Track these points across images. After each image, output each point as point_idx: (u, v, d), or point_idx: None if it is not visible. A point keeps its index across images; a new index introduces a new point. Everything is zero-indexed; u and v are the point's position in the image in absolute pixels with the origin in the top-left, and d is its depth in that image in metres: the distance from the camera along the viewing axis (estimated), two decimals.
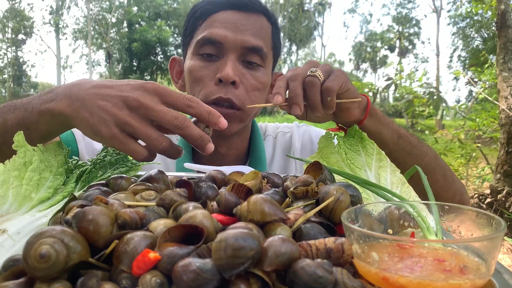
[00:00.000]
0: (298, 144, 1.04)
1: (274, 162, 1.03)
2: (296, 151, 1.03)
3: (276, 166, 1.02)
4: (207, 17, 0.87)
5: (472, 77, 4.38)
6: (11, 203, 0.53)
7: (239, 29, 0.85)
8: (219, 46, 0.85)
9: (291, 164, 1.03)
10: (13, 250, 0.42)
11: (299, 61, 37.82)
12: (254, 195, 0.38)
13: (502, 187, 2.77)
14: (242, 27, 0.85)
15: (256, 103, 0.89)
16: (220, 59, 0.85)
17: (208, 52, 0.85)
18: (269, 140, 1.07)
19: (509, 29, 2.75)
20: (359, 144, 0.68)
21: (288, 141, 1.06)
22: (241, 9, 0.87)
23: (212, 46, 0.85)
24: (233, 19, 0.85)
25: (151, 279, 0.29)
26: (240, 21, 0.85)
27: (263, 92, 0.90)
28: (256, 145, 1.00)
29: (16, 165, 0.58)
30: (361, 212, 0.40)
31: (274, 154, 1.05)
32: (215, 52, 0.85)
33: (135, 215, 0.37)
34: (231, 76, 0.82)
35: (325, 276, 0.29)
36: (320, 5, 32.04)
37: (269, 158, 1.04)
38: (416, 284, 0.29)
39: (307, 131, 1.07)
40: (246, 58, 0.86)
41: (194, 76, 0.86)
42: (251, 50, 0.86)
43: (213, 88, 0.84)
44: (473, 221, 0.39)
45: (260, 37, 0.87)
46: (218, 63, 0.85)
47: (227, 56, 0.84)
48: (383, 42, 34.32)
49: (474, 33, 14.94)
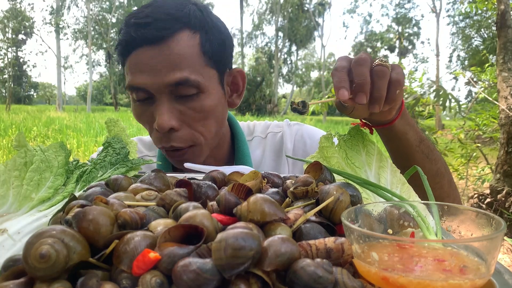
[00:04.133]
0: (290, 145, 0.99)
1: (264, 164, 0.99)
2: (288, 152, 0.99)
3: (267, 168, 0.98)
4: (126, 58, 0.80)
5: (472, 77, 4.38)
6: (11, 203, 0.53)
7: (156, 69, 0.76)
8: (146, 90, 0.78)
9: (284, 165, 0.99)
10: (13, 250, 0.42)
11: (299, 61, 37.82)
12: (254, 195, 0.38)
13: (502, 187, 2.77)
14: (158, 65, 0.76)
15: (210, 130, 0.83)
16: (154, 101, 0.79)
17: (141, 97, 0.80)
18: (257, 141, 1.02)
19: (509, 29, 2.75)
20: (360, 144, 0.68)
21: (279, 142, 1.01)
22: (152, 42, 0.76)
23: (141, 92, 0.79)
24: (146, 59, 0.76)
25: (151, 279, 0.29)
26: (153, 60, 0.76)
27: (213, 115, 0.82)
28: (240, 151, 0.95)
29: (16, 165, 0.58)
30: (361, 212, 0.40)
31: (263, 156, 1.00)
32: (146, 96, 0.79)
33: (135, 215, 0.37)
34: (165, 126, 0.77)
35: (325, 276, 0.29)
36: (320, 5, 32.04)
37: (258, 160, 1.00)
38: (416, 284, 0.29)
39: (299, 130, 1.02)
40: (178, 93, 0.78)
41: (138, 120, 0.84)
42: (178, 85, 0.77)
43: (156, 135, 0.82)
44: (473, 221, 0.39)
45: (182, 65, 0.76)
46: (153, 107, 0.80)
47: (158, 100, 0.78)
48: (383, 42, 34.33)
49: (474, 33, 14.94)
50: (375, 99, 0.62)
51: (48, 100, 46.10)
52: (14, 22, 26.74)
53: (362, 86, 0.60)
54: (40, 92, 46.42)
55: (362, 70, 0.60)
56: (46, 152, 0.61)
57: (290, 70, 35.71)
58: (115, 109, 27.28)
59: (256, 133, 1.04)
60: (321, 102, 0.68)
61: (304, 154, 0.99)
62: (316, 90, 38.73)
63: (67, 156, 0.64)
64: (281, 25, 31.16)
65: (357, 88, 0.60)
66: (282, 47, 32.15)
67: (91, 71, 27.83)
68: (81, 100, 50.10)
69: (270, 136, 1.03)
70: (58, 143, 0.65)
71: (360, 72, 0.60)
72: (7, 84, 26.95)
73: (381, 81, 0.61)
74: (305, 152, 0.99)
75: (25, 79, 36.92)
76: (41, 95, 47.06)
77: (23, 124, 10.47)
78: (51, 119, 12.77)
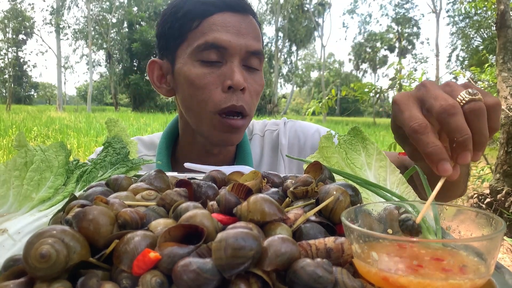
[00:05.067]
0: (285, 141, 1.01)
1: (262, 162, 1.01)
2: (284, 149, 1.00)
3: (265, 166, 1.00)
4: (202, 19, 0.83)
5: (471, 77, 4.39)
6: (11, 203, 0.53)
7: (241, 33, 0.82)
8: (223, 51, 0.82)
9: (280, 162, 1.00)
10: (13, 250, 0.42)
11: (299, 61, 37.82)
12: (254, 195, 0.38)
13: (501, 187, 2.77)
14: (243, 30, 0.83)
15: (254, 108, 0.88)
16: (223, 65, 0.83)
17: (211, 57, 0.82)
18: (256, 139, 1.04)
19: (509, 29, 2.75)
20: (360, 144, 0.68)
21: (275, 139, 1.03)
22: (238, 11, 0.84)
23: (215, 51, 0.82)
24: (234, 22, 0.83)
25: (151, 279, 0.29)
26: (240, 25, 0.83)
27: (259, 95, 0.90)
28: (242, 149, 0.97)
29: (17, 165, 0.58)
30: (361, 212, 0.41)
31: (262, 154, 1.02)
32: (218, 57, 0.82)
33: (135, 215, 0.37)
34: (242, 83, 0.80)
35: (325, 276, 0.29)
36: (320, 6, 32.05)
37: (258, 158, 1.01)
38: (416, 283, 0.29)
39: (293, 126, 1.04)
40: (248, 62, 0.85)
41: (197, 84, 0.82)
42: (252, 54, 0.84)
43: (222, 96, 0.82)
44: (472, 221, 0.39)
45: (259, 40, 0.86)
46: (222, 69, 0.82)
47: (232, 62, 0.82)
48: (382, 42, 34.34)
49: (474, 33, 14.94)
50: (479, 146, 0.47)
51: (48, 100, 46.11)
52: (14, 22, 26.75)
53: (466, 143, 0.45)
54: (40, 92, 46.43)
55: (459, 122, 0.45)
56: (46, 152, 0.61)
57: (290, 70, 35.73)
58: (115, 109, 27.30)
59: (255, 131, 1.05)
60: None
61: (298, 149, 1.01)
62: (316, 90, 38.75)
63: (67, 156, 0.64)
64: (281, 25, 31.16)
65: (460, 148, 0.45)
66: (282, 47, 32.17)
67: (91, 71, 27.84)
68: (81, 100, 50.10)
69: (267, 134, 1.04)
70: (58, 143, 0.65)
71: (456, 125, 0.45)
72: (8, 84, 26.97)
73: (480, 122, 0.46)
74: (299, 148, 1.01)
75: (25, 79, 36.94)
76: (42, 95, 47.07)
77: (23, 124, 10.47)
78: (52, 119, 12.78)
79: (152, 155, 1.01)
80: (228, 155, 0.98)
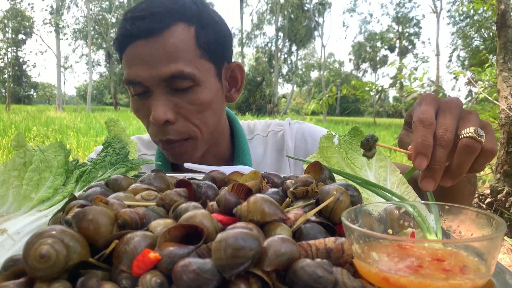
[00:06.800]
0: (291, 144, 0.98)
1: (265, 163, 0.98)
2: (289, 151, 0.97)
3: (268, 167, 0.97)
4: (122, 52, 0.81)
5: (472, 77, 4.38)
6: (11, 203, 0.53)
7: (149, 62, 0.76)
8: (142, 84, 0.78)
9: (285, 164, 0.98)
10: (13, 250, 0.42)
11: (299, 61, 37.82)
12: (254, 195, 0.38)
13: (502, 187, 2.77)
14: (152, 58, 0.76)
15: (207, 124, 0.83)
16: (151, 95, 0.79)
17: (138, 91, 0.80)
18: (258, 139, 1.01)
19: (509, 29, 2.75)
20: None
21: (280, 141, 1.00)
22: (147, 35, 0.76)
23: (138, 86, 0.79)
24: (140, 52, 0.77)
25: (151, 279, 0.29)
26: (146, 53, 0.76)
27: (209, 108, 0.82)
28: (240, 149, 0.95)
29: (16, 165, 0.58)
30: (361, 212, 0.40)
31: (265, 154, 0.99)
32: (143, 90, 0.80)
33: (135, 215, 0.37)
34: (160, 118, 0.77)
35: (325, 276, 0.29)
36: (320, 5, 32.05)
37: (259, 159, 0.99)
38: (417, 284, 0.29)
39: (300, 129, 1.01)
40: (173, 86, 0.78)
41: (136, 115, 0.85)
42: (173, 78, 0.77)
43: (153, 129, 0.82)
44: (473, 221, 0.39)
45: (177, 58, 0.76)
46: (150, 100, 0.80)
47: (154, 93, 0.78)
48: (383, 42, 34.36)
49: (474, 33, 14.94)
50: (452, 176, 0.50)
51: (48, 100, 46.10)
52: (14, 22, 26.76)
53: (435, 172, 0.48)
54: (40, 92, 46.43)
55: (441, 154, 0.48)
56: (45, 152, 0.61)
57: (290, 70, 35.74)
58: (115, 109, 27.29)
59: (257, 131, 1.03)
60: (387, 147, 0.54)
61: (305, 153, 0.97)
62: (316, 90, 38.74)
63: (67, 155, 0.64)
64: (281, 25, 31.16)
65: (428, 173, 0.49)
66: (282, 47, 32.17)
67: (91, 71, 27.84)
68: (81, 100, 50.12)
69: (271, 134, 1.02)
70: (58, 143, 0.65)
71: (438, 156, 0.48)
72: (7, 84, 26.97)
73: (466, 158, 0.49)
74: (306, 151, 0.98)
75: (25, 79, 36.94)
76: (41, 95, 47.07)
77: (23, 124, 10.47)
78: (51, 119, 12.77)
79: (151, 154, 1.00)
80: (225, 158, 0.96)
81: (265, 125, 1.05)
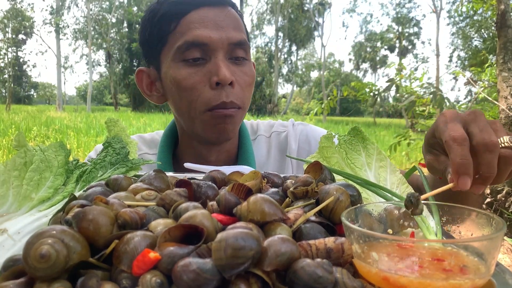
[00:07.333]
0: (295, 145, 0.98)
1: (268, 163, 0.98)
2: (293, 152, 0.98)
3: (271, 168, 0.97)
4: (179, 19, 0.82)
5: (471, 77, 4.39)
6: (11, 203, 0.53)
7: (220, 26, 0.81)
8: (205, 48, 0.80)
9: (288, 165, 0.98)
10: (13, 250, 0.42)
11: (299, 61, 37.81)
12: (254, 195, 0.38)
13: (502, 187, 2.77)
14: (222, 23, 0.81)
15: (249, 100, 0.87)
16: (208, 61, 0.81)
17: (195, 56, 0.81)
18: (262, 140, 1.01)
19: (509, 29, 2.75)
20: (360, 144, 0.68)
21: (284, 142, 1.00)
22: (214, 4, 0.83)
23: (197, 49, 0.80)
24: (211, 16, 0.81)
25: (151, 279, 0.29)
26: (218, 18, 0.82)
27: (252, 84, 0.88)
28: (244, 149, 0.95)
29: (16, 165, 0.58)
30: (361, 212, 0.40)
31: (269, 155, 1.00)
32: (201, 55, 0.81)
33: (135, 215, 0.37)
34: (228, 77, 0.79)
35: (325, 276, 0.29)
36: (320, 5, 32.04)
37: (263, 159, 0.99)
38: (417, 284, 0.29)
39: (304, 130, 1.02)
40: (233, 54, 0.83)
41: (185, 85, 0.81)
42: (236, 46, 0.83)
43: (211, 94, 0.80)
44: (473, 221, 0.39)
45: (240, 29, 0.85)
46: (207, 66, 0.81)
47: (216, 57, 0.81)
48: (383, 42, 34.35)
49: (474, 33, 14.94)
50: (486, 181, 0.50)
51: (48, 100, 46.10)
52: (14, 22, 26.76)
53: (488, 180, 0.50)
54: (40, 92, 46.42)
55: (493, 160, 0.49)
56: (45, 152, 0.61)
57: (290, 70, 35.72)
58: (115, 109, 27.29)
59: (260, 132, 1.03)
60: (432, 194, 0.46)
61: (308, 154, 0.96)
62: (316, 90, 38.75)
63: (67, 155, 0.64)
64: (281, 25, 31.15)
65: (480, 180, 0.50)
66: (282, 47, 32.16)
67: (91, 71, 27.83)
68: (81, 100, 50.09)
69: (274, 135, 1.02)
70: (58, 143, 0.65)
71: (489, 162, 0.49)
72: (7, 84, 26.98)
73: (505, 167, 0.51)
74: (309, 153, 0.97)
75: (25, 79, 36.94)
76: (41, 95, 47.06)
77: (23, 124, 10.47)
78: (51, 119, 12.77)
79: (153, 153, 1.00)
80: (229, 157, 0.96)
81: (268, 126, 1.05)
